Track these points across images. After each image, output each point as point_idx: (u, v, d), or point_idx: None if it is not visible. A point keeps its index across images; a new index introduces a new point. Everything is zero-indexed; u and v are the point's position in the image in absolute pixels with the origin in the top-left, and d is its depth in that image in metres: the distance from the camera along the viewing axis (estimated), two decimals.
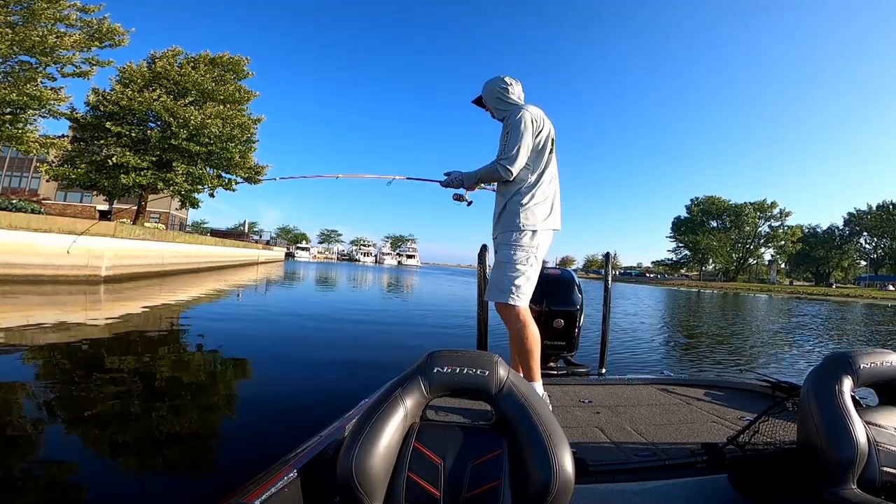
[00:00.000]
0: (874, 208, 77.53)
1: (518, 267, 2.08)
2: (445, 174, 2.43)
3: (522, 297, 2.07)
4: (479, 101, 2.43)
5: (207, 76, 21.63)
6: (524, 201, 2.11)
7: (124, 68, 20.89)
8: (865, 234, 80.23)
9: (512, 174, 2.10)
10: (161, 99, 19.72)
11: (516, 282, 2.06)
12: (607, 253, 3.14)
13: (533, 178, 2.14)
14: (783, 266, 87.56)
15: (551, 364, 2.94)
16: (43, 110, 16.80)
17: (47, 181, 29.68)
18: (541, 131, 2.16)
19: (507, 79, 2.31)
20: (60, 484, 2.53)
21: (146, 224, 22.39)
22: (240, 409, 3.95)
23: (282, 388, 4.51)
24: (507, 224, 2.13)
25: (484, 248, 2.75)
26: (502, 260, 2.12)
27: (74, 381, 4.30)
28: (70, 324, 6.99)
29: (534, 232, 2.10)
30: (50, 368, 4.71)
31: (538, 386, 2.08)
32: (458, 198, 2.49)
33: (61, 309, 8.74)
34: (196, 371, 5.01)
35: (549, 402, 2.07)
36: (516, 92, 2.30)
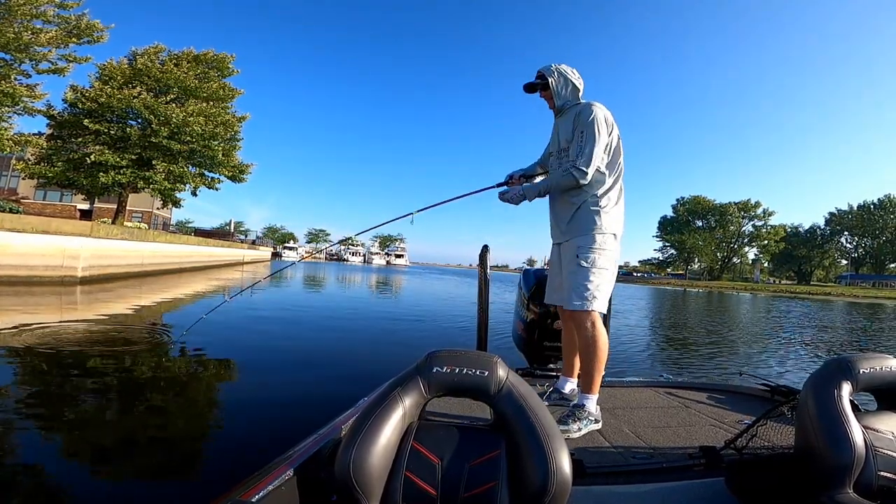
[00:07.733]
0: (855, 208, 79.44)
1: (600, 272, 1.99)
2: (508, 180, 2.43)
3: (601, 303, 1.99)
4: (531, 87, 2.20)
5: (190, 73, 21.33)
6: (602, 204, 2.02)
7: (104, 65, 20.53)
8: (847, 233, 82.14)
9: (587, 179, 1.97)
10: (141, 96, 19.37)
11: (600, 287, 1.98)
12: None
13: (610, 181, 2.05)
14: (766, 265, 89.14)
15: (551, 365, 2.93)
16: (17, 108, 16.39)
17: (23, 179, 28.99)
18: (612, 131, 2.05)
19: (576, 70, 2.16)
20: (53, 488, 2.45)
21: (126, 223, 21.97)
22: (236, 410, 3.85)
23: (277, 389, 4.42)
24: (584, 227, 2.02)
25: (485, 248, 2.70)
26: (584, 265, 1.99)
27: (56, 385, 4.11)
28: (47, 325, 6.72)
29: (614, 235, 2.05)
30: (27, 372, 4.49)
31: (594, 399, 1.92)
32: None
33: (36, 310, 8.44)
34: (184, 373, 4.87)
35: (600, 416, 1.92)
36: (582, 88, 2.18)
